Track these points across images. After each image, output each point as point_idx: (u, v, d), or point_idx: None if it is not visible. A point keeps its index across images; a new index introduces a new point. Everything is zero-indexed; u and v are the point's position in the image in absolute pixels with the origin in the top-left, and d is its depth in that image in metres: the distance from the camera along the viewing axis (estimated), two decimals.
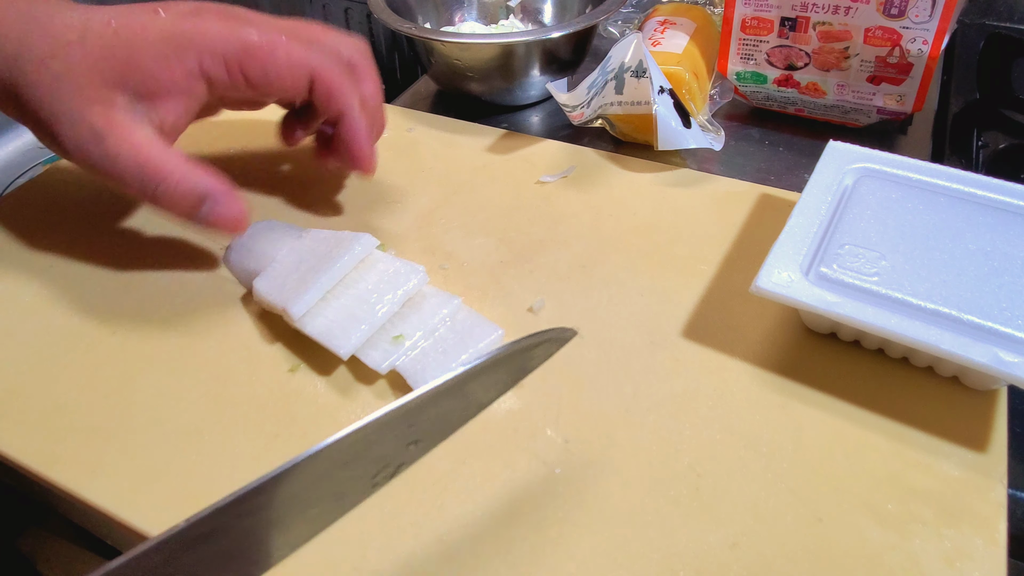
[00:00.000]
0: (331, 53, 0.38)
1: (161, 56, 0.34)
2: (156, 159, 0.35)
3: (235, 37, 0.35)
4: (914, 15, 0.46)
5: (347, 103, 0.37)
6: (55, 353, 0.37)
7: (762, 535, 0.28)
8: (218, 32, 0.35)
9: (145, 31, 0.34)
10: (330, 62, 0.37)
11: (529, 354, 0.29)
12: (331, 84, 0.37)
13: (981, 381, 0.33)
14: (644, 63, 0.45)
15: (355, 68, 0.39)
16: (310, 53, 0.36)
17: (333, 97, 0.37)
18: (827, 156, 0.40)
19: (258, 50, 0.35)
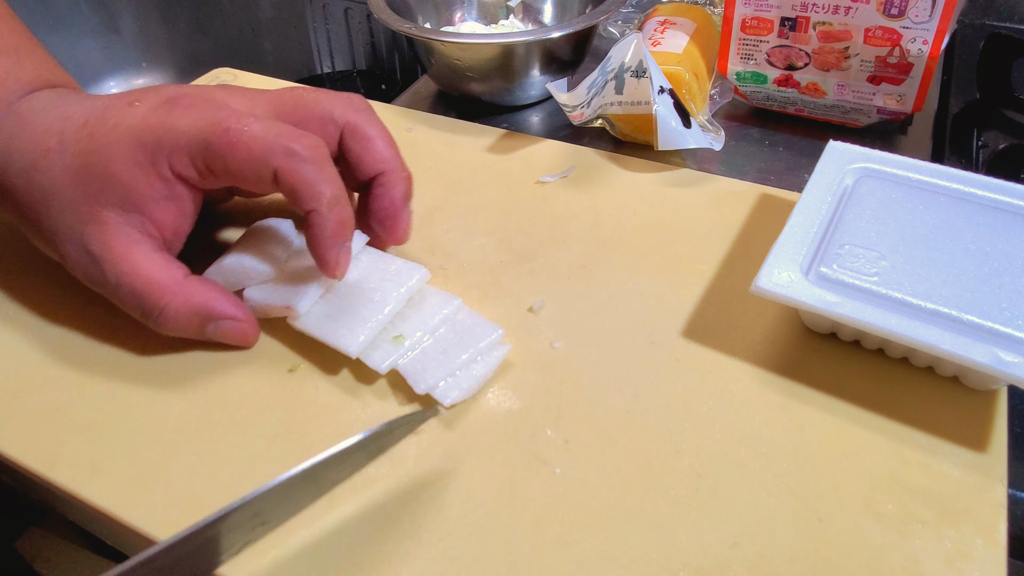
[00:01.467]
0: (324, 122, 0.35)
1: (135, 164, 0.33)
2: (154, 284, 0.34)
3: (197, 131, 0.32)
4: (914, 15, 0.46)
5: (311, 204, 0.33)
6: (55, 353, 0.37)
7: (762, 535, 0.28)
8: (185, 127, 0.32)
9: (116, 132, 0.33)
10: (296, 151, 0.32)
11: (389, 436, 0.30)
12: (294, 180, 0.32)
13: (981, 381, 0.33)
14: (644, 63, 0.45)
15: (355, 130, 0.36)
16: (273, 140, 0.32)
17: (297, 196, 0.33)
18: (827, 156, 0.40)
19: (218, 143, 0.32)
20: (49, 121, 0.34)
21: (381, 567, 0.28)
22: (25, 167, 0.34)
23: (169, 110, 0.33)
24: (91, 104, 0.34)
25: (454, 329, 0.35)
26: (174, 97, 0.34)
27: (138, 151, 0.32)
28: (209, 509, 0.30)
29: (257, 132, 0.32)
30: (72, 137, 0.33)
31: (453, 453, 0.32)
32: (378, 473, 0.31)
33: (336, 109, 0.36)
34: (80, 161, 0.33)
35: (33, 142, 0.34)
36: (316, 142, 0.33)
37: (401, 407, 0.34)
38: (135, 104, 0.34)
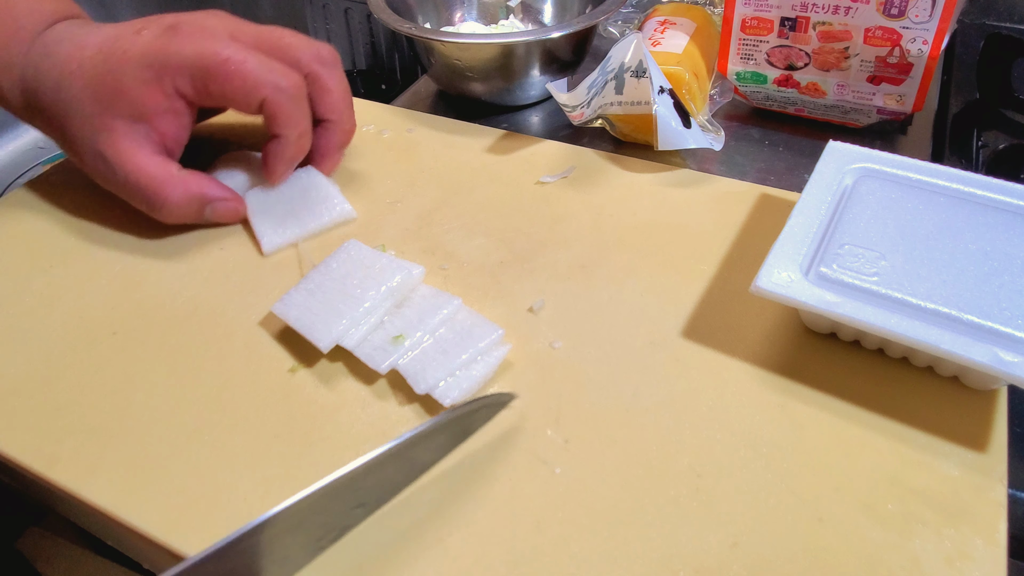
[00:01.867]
0: (291, 65, 0.40)
1: (142, 82, 0.38)
2: (157, 178, 0.40)
3: (199, 57, 0.38)
4: (914, 15, 0.46)
5: (283, 131, 0.40)
6: (55, 353, 0.37)
7: (762, 535, 0.28)
8: (187, 52, 0.38)
9: (126, 56, 0.38)
10: (283, 87, 0.39)
11: (471, 418, 0.31)
12: (276, 111, 0.39)
13: (981, 381, 0.33)
14: (644, 63, 0.45)
15: (316, 79, 0.42)
16: (265, 75, 0.38)
17: (275, 122, 0.40)
18: (827, 156, 0.40)
19: (217, 71, 0.38)
20: (70, 48, 0.39)
21: (381, 567, 0.28)
22: (52, 86, 0.39)
23: (172, 36, 0.38)
24: (104, 33, 0.39)
25: (454, 329, 0.35)
26: (174, 24, 0.39)
27: (146, 70, 0.38)
28: (209, 509, 0.30)
29: (252, 66, 0.38)
30: (89, 61, 0.39)
31: (453, 453, 0.32)
32: None
33: (304, 57, 0.41)
34: (96, 81, 0.38)
35: (58, 66, 0.39)
36: (298, 81, 0.40)
37: (401, 407, 0.34)
38: (142, 32, 0.39)
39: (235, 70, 0.38)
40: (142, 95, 0.38)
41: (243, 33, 0.40)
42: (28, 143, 0.86)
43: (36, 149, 0.86)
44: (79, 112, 0.39)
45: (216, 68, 0.38)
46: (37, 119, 0.42)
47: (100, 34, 0.40)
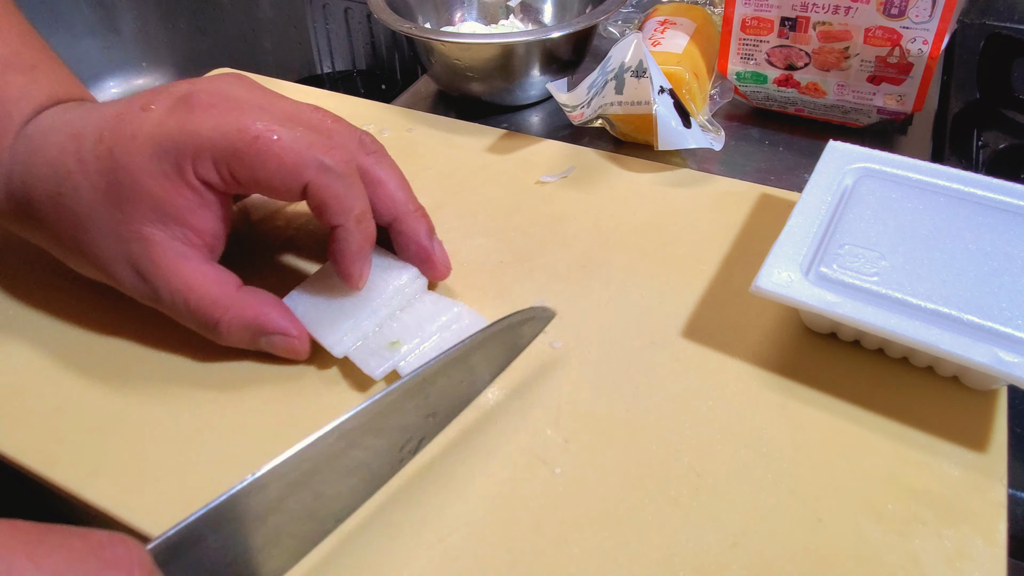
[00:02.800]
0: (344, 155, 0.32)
1: (160, 175, 0.31)
2: (207, 300, 0.33)
3: (222, 136, 0.30)
4: (914, 15, 0.46)
5: (338, 220, 0.32)
6: (55, 353, 0.37)
7: (762, 535, 0.28)
8: (208, 132, 0.30)
9: (135, 143, 0.31)
10: (330, 165, 0.31)
11: (519, 331, 0.33)
12: (324, 196, 0.32)
13: (981, 381, 0.33)
14: (644, 63, 0.45)
15: (364, 173, 0.34)
16: (306, 153, 0.31)
17: (326, 211, 0.32)
18: (827, 156, 0.40)
19: (246, 152, 0.30)
20: (61, 141, 0.32)
21: (381, 567, 0.28)
22: (49, 193, 0.32)
23: (187, 112, 0.31)
24: (101, 115, 0.32)
25: (459, 334, 0.35)
26: (189, 96, 0.31)
27: (162, 160, 0.31)
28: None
29: (287, 142, 0.31)
30: (90, 155, 0.31)
31: (453, 453, 0.32)
32: None
33: (349, 144, 0.34)
34: (106, 180, 0.31)
35: (51, 166, 0.32)
36: (348, 155, 0.32)
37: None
38: (150, 108, 0.32)
39: (267, 149, 0.30)
40: (166, 192, 0.31)
41: (274, 107, 0.33)
42: None
43: None
44: (94, 223, 0.32)
45: (244, 148, 0.30)
46: (34, 232, 0.34)
47: (98, 115, 0.32)
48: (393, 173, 0.36)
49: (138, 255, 0.32)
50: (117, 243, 0.32)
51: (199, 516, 0.23)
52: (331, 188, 0.31)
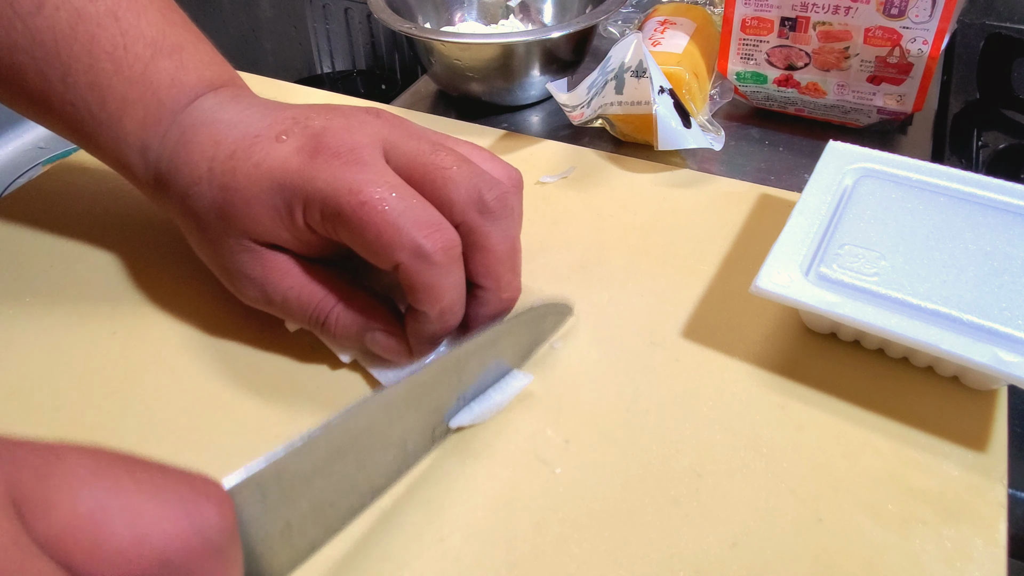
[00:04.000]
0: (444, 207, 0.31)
1: (273, 209, 0.31)
2: (319, 294, 0.33)
3: (334, 193, 0.30)
4: (914, 15, 0.46)
5: (422, 307, 0.31)
6: (55, 353, 0.37)
7: (762, 535, 0.28)
8: (323, 185, 0.30)
9: (259, 171, 0.31)
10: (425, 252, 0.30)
11: (542, 323, 0.35)
12: (413, 281, 0.30)
13: (981, 381, 0.33)
14: (644, 63, 0.45)
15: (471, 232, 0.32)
16: (405, 233, 0.30)
17: (412, 294, 0.31)
18: (827, 156, 0.40)
19: (350, 216, 0.30)
20: (205, 143, 0.33)
21: (381, 567, 0.28)
22: (181, 191, 0.34)
23: (312, 156, 0.31)
24: (244, 130, 0.33)
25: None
26: (319, 135, 0.32)
27: (276, 196, 0.31)
28: None
29: (391, 216, 0.30)
30: (220, 168, 0.32)
31: (453, 453, 0.32)
32: None
33: (460, 200, 0.31)
34: (223, 196, 0.32)
35: (189, 165, 0.33)
36: (450, 242, 0.30)
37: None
38: (282, 139, 0.32)
39: (368, 219, 0.29)
40: (273, 225, 0.32)
41: (398, 150, 0.32)
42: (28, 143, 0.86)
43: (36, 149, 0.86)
44: (208, 231, 0.33)
45: (350, 212, 0.30)
46: (174, 215, 0.36)
47: (239, 130, 0.33)
48: (504, 240, 0.32)
49: (246, 262, 0.33)
50: (227, 252, 0.33)
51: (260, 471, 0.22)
52: (422, 276, 0.30)
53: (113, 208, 0.46)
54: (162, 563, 0.17)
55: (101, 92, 0.34)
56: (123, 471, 0.17)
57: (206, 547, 0.18)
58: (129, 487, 0.17)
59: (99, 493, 0.16)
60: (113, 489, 0.17)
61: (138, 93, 0.35)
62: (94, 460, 0.17)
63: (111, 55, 0.34)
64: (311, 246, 0.33)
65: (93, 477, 0.17)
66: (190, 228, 0.35)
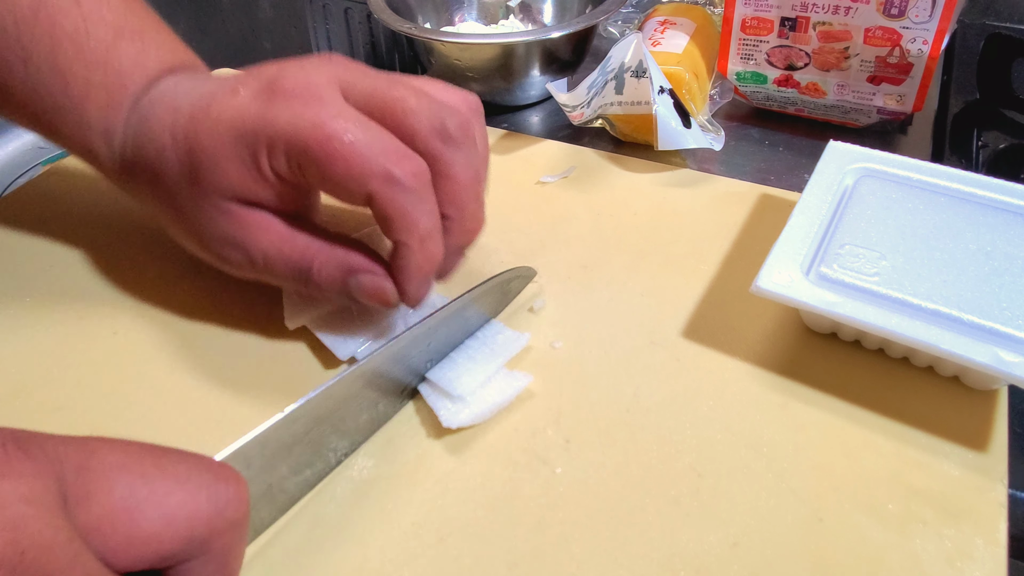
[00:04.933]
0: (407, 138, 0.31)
1: (239, 160, 0.31)
2: (300, 247, 0.33)
3: (295, 131, 0.30)
4: (914, 15, 0.46)
5: (400, 237, 0.31)
6: (55, 353, 0.37)
7: (762, 535, 0.28)
8: (284, 124, 0.30)
9: (218, 125, 0.31)
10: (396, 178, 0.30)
11: (507, 288, 0.37)
12: (387, 210, 0.30)
13: (981, 381, 0.33)
14: (644, 63, 0.45)
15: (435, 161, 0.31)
16: (374, 161, 0.29)
17: (388, 225, 0.31)
18: (827, 156, 0.40)
19: (317, 152, 0.29)
20: (163, 114, 0.33)
21: (381, 567, 0.28)
22: (149, 167, 0.33)
23: (269, 99, 0.31)
24: (200, 93, 0.33)
25: (476, 337, 0.35)
26: (274, 81, 0.31)
27: (240, 145, 0.31)
28: None
29: (359, 146, 0.29)
30: (181, 132, 0.32)
31: (453, 452, 0.32)
32: (378, 472, 0.31)
33: (422, 129, 0.31)
34: (190, 159, 0.32)
35: (152, 139, 0.33)
36: (419, 167, 0.30)
37: (409, 415, 0.34)
38: (237, 92, 0.32)
39: (335, 152, 0.29)
40: (243, 177, 0.31)
41: (355, 88, 0.31)
42: (28, 143, 0.86)
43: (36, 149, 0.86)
44: (182, 197, 0.33)
45: (316, 147, 0.29)
46: (144, 199, 0.36)
47: (196, 94, 0.33)
48: (466, 169, 0.32)
49: (225, 224, 0.32)
50: (205, 219, 0.33)
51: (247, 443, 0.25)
52: (395, 203, 0.30)
53: (113, 208, 0.46)
54: (188, 540, 0.19)
55: (63, 77, 0.34)
56: (149, 461, 0.19)
57: (225, 523, 0.20)
58: (156, 475, 0.19)
59: (130, 482, 0.18)
60: (142, 478, 0.19)
61: (100, 77, 0.34)
62: (123, 452, 0.19)
63: (73, 39, 0.34)
64: (283, 197, 0.32)
65: (124, 469, 0.18)
66: (163, 206, 0.34)
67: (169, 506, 0.19)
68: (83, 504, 0.17)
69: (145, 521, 0.18)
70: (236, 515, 0.20)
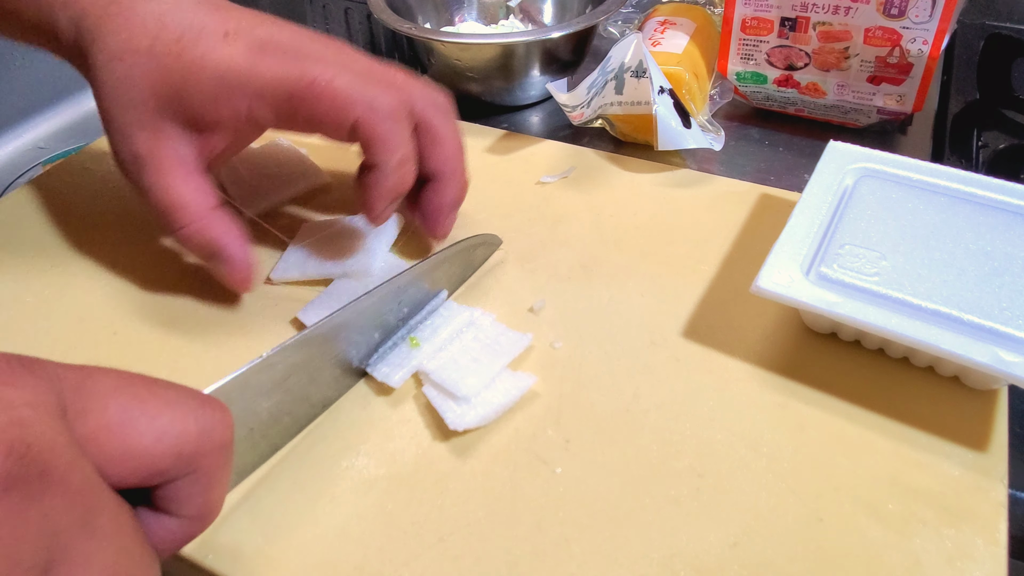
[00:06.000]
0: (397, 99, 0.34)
1: (212, 97, 0.33)
2: (182, 202, 0.35)
3: (281, 81, 0.33)
4: (914, 15, 0.46)
5: (380, 158, 0.34)
6: (55, 353, 0.37)
7: (763, 535, 0.28)
8: (272, 76, 0.33)
9: (204, 62, 0.33)
10: (379, 105, 0.33)
11: (473, 254, 0.39)
12: (370, 133, 0.33)
13: (982, 381, 0.33)
14: (644, 63, 0.45)
15: (429, 127, 0.36)
16: (358, 92, 0.33)
17: (369, 147, 0.34)
18: (827, 156, 0.40)
19: (303, 94, 0.33)
20: (147, 18, 0.34)
21: (382, 567, 0.28)
22: (111, 53, 0.34)
23: (259, 56, 0.33)
24: (191, 19, 0.34)
25: (477, 338, 0.35)
26: (266, 43, 0.34)
27: (220, 84, 0.33)
28: None
29: (341, 84, 0.33)
30: (163, 48, 0.33)
31: (453, 453, 0.32)
32: (378, 473, 0.31)
33: (417, 98, 0.35)
34: (163, 73, 0.33)
35: (127, 31, 0.34)
36: (399, 99, 0.34)
37: (410, 413, 0.34)
38: (229, 37, 0.33)
39: (322, 90, 0.32)
40: (208, 109, 0.34)
41: (355, 65, 0.34)
42: (28, 143, 0.86)
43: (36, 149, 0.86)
44: (130, 95, 0.34)
45: (301, 91, 0.32)
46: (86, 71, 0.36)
47: (185, 17, 0.34)
48: (454, 134, 0.37)
49: (144, 139, 0.34)
50: (135, 120, 0.34)
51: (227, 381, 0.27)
52: (378, 127, 0.33)
53: (113, 208, 0.46)
54: (177, 456, 0.20)
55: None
56: (141, 385, 0.20)
57: (211, 444, 0.21)
58: (148, 397, 0.20)
59: (124, 402, 0.20)
60: (135, 399, 0.20)
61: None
62: (117, 377, 0.21)
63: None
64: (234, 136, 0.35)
65: (118, 390, 0.20)
66: (110, 90, 0.35)
67: (160, 424, 0.20)
68: (80, 418, 0.19)
69: (138, 436, 0.19)
70: (222, 438, 0.21)
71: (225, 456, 0.22)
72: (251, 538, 0.29)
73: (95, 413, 0.19)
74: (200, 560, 0.29)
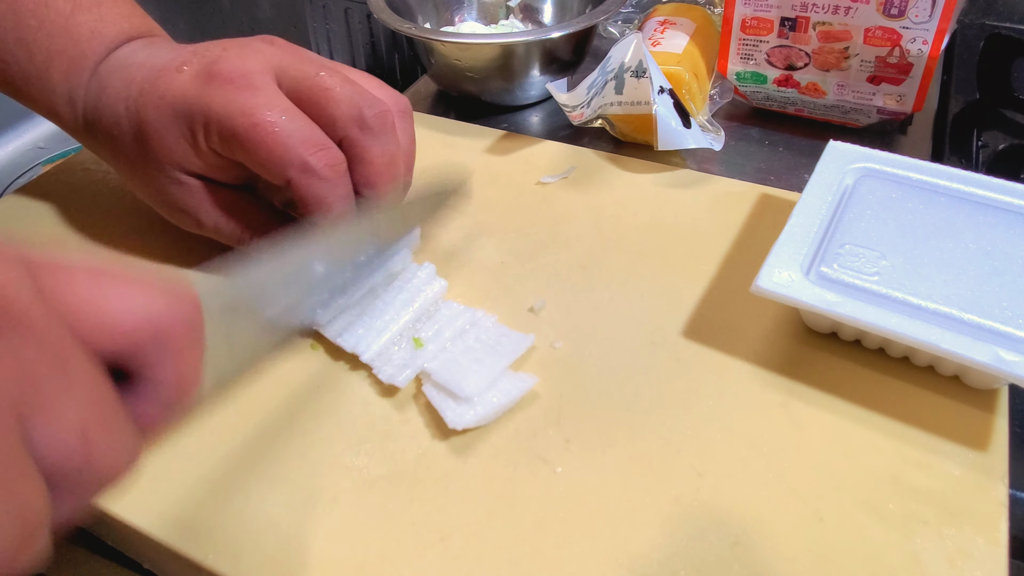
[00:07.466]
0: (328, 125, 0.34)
1: (181, 136, 0.35)
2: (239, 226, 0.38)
3: (226, 116, 0.33)
4: (914, 15, 0.46)
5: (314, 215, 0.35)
6: None
7: (763, 534, 0.28)
8: (216, 107, 0.33)
9: (163, 102, 0.34)
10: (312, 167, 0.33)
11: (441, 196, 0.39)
12: (303, 196, 0.34)
13: (982, 380, 0.33)
14: (644, 63, 0.45)
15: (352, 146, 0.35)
16: (293, 150, 0.33)
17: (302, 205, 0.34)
18: (827, 156, 0.40)
19: (244, 137, 0.33)
20: (119, 85, 0.36)
21: (381, 567, 0.28)
22: (107, 134, 0.37)
23: (207, 83, 0.34)
24: (151, 67, 0.36)
25: (479, 339, 0.35)
26: (214, 63, 0.34)
27: (181, 123, 0.34)
28: (211, 509, 0.30)
29: (281, 137, 0.33)
30: (132, 106, 0.35)
31: (454, 452, 0.32)
32: (378, 473, 0.31)
33: (341, 117, 0.34)
34: (140, 131, 0.35)
35: (110, 107, 0.36)
36: (334, 159, 0.34)
37: (411, 414, 0.34)
38: (182, 70, 0.35)
39: (260, 139, 0.33)
40: (186, 152, 0.35)
41: (288, 73, 0.35)
42: (28, 143, 0.86)
43: (36, 149, 0.86)
44: (134, 166, 0.37)
45: (244, 133, 0.33)
46: (105, 156, 0.39)
47: (147, 68, 0.36)
48: (383, 156, 0.36)
49: (174, 193, 0.37)
50: (155, 186, 0.37)
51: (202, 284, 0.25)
52: (311, 189, 0.34)
53: (113, 208, 0.46)
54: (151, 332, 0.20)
55: (28, 47, 0.37)
56: (107, 269, 0.21)
57: (182, 323, 0.21)
58: (119, 279, 0.21)
59: (95, 281, 0.20)
60: (108, 280, 0.20)
61: (61, 46, 0.37)
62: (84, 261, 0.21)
63: (34, 12, 0.37)
64: (224, 170, 0.36)
65: (87, 271, 0.20)
66: (122, 168, 0.38)
67: (130, 298, 0.20)
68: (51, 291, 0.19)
69: (111, 310, 0.20)
70: (192, 316, 0.22)
71: (196, 338, 0.22)
72: (251, 538, 0.29)
73: (67, 289, 0.19)
74: (200, 560, 0.29)
